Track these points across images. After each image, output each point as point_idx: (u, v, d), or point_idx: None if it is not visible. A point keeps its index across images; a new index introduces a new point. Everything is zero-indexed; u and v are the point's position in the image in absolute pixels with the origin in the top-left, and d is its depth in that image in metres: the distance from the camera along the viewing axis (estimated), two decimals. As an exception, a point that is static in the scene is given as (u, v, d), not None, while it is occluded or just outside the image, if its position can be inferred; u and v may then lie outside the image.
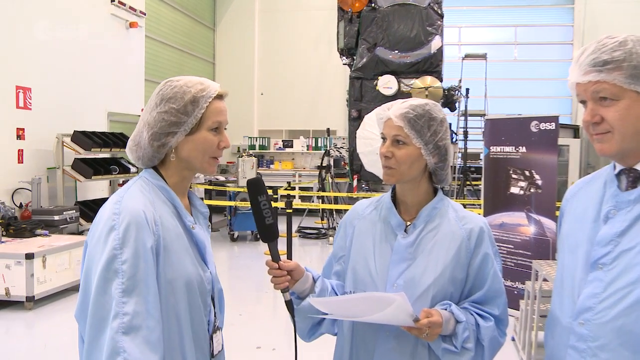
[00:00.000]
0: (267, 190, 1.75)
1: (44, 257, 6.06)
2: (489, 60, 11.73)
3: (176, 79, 1.64)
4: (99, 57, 9.48)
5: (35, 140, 7.89)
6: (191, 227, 1.64)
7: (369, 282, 1.80)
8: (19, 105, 7.66)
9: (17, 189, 7.55)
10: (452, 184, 10.57)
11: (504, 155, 6.02)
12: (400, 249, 1.78)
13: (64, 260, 6.38)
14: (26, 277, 5.87)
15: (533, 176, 5.76)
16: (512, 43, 14.76)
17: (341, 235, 1.98)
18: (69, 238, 6.94)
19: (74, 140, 8.09)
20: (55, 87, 8.33)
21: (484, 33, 14.91)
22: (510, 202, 5.94)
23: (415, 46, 10.31)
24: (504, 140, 6.01)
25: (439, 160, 1.80)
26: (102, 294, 1.41)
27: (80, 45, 8.95)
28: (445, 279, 1.74)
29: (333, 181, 11.52)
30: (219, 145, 1.64)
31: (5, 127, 7.46)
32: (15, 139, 7.61)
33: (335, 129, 14.36)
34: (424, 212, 1.81)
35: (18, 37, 7.62)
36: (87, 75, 9.14)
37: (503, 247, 5.95)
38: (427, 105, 1.79)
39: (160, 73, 12.48)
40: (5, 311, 5.90)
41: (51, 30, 8.26)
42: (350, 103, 10.80)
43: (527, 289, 4.81)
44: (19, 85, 7.65)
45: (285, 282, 1.72)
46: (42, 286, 6.04)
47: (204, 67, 15.31)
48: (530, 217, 5.77)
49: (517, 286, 5.80)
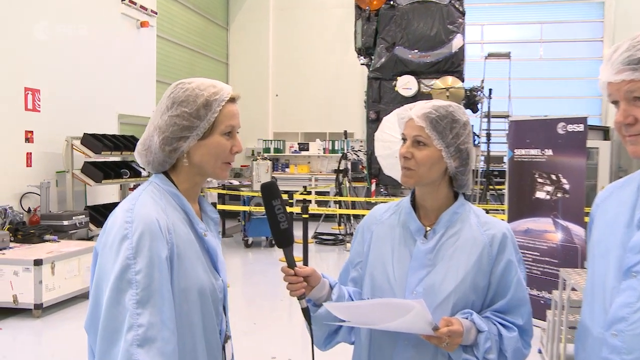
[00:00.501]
0: (282, 194, 1.75)
1: (53, 264, 6.13)
2: (513, 59, 11.67)
3: (188, 81, 1.65)
4: (110, 57, 9.58)
5: (44, 143, 7.98)
6: (203, 234, 1.64)
7: (386, 289, 1.80)
8: (28, 108, 7.76)
9: (26, 193, 7.64)
10: (474, 188, 10.51)
11: (529, 158, 5.98)
12: (419, 255, 1.79)
13: (73, 266, 6.45)
14: (34, 284, 5.93)
15: (560, 180, 5.71)
16: (538, 41, 14.66)
17: (358, 240, 1.98)
18: (78, 244, 7.01)
19: (83, 143, 8.16)
20: (64, 88, 8.43)
21: (508, 31, 14.83)
22: (536, 208, 5.90)
23: (436, 45, 10.28)
24: (529, 142, 5.97)
25: (460, 164, 1.80)
26: (115, 305, 1.41)
27: (90, 45, 9.05)
28: (466, 287, 1.73)
29: (350, 185, 11.51)
30: (232, 150, 1.65)
31: (13, 129, 7.55)
32: (23, 142, 7.70)
33: (352, 132, 14.36)
34: (445, 217, 1.81)
35: (26, 37, 7.73)
36: (97, 76, 9.23)
37: (528, 255, 5.90)
38: (450, 107, 1.80)
39: (172, 74, 12.59)
40: (13, 319, 5.97)
41: (60, 30, 8.36)
42: (368, 104, 10.80)
43: (554, 298, 4.76)
44: (28, 86, 7.75)
45: (301, 288, 1.73)
46: (51, 293, 6.10)
47: (217, 68, 15.41)
48: (557, 223, 5.72)
49: (543, 295, 5.75)
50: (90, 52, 9.06)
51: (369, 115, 10.69)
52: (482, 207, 9.16)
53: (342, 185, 11.36)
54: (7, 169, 7.40)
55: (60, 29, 8.38)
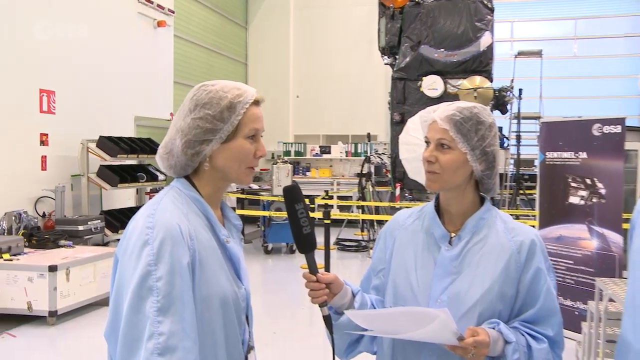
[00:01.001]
0: (304, 198, 1.76)
1: (68, 270, 6.21)
2: (544, 57, 11.55)
3: (211, 83, 1.66)
4: (126, 58, 9.69)
5: (59, 146, 8.10)
6: (225, 241, 1.65)
7: (410, 297, 1.80)
8: (43, 110, 7.88)
9: (40, 197, 7.76)
10: (503, 192, 10.42)
11: (561, 161, 5.92)
12: (444, 262, 1.79)
13: (89, 273, 6.53)
14: (49, 291, 6.01)
15: (595, 185, 5.64)
16: (571, 38, 14.50)
17: (381, 246, 1.99)
18: (93, 249, 7.10)
19: (99, 146, 8.26)
20: (79, 90, 8.55)
21: (539, 27, 14.70)
22: (569, 213, 5.83)
23: (463, 43, 10.23)
24: (562, 145, 5.91)
25: (486, 167, 1.80)
26: (135, 312, 1.42)
27: (106, 45, 9.17)
28: (493, 295, 1.73)
29: (374, 190, 11.49)
30: (255, 154, 1.66)
31: (28, 132, 7.68)
32: (38, 145, 7.82)
33: (376, 134, 14.34)
34: (470, 223, 1.81)
35: (41, 38, 7.85)
36: (113, 77, 9.35)
37: (561, 263, 5.83)
38: (475, 108, 1.80)
39: (189, 75, 12.70)
40: (27, 327, 6.05)
41: (75, 30, 8.47)
42: (392, 106, 10.78)
43: (590, 309, 4.69)
44: (43, 88, 7.88)
45: (323, 295, 1.73)
46: (66, 300, 6.18)
47: (235, 68, 15.51)
48: (592, 230, 5.64)
49: (578, 306, 5.68)
50: (106, 53, 9.18)
51: (393, 117, 10.67)
52: (512, 212, 9.09)
53: (365, 190, 11.34)
54: (21, 172, 7.52)
55: (76, 29, 8.48)
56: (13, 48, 7.41)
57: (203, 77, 13.19)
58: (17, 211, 7.19)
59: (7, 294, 6.03)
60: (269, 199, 10.57)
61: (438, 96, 10.06)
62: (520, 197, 10.53)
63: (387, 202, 11.52)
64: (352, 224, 12.31)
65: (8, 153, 7.31)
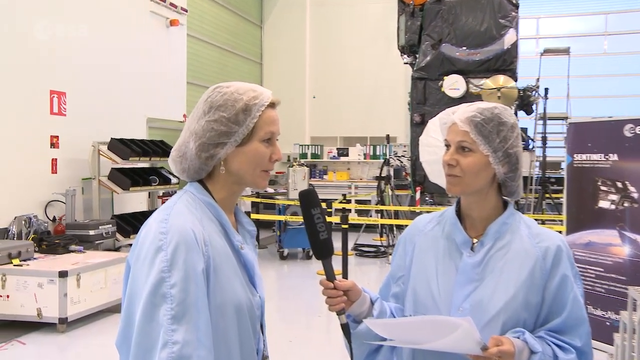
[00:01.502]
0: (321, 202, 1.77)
1: (78, 276, 6.26)
2: (572, 54, 11.45)
3: (226, 85, 1.67)
4: (138, 58, 9.77)
5: (69, 149, 8.18)
6: (239, 247, 1.66)
7: (430, 305, 1.80)
8: (53, 111, 7.96)
9: (51, 201, 7.84)
10: (527, 196, 10.35)
11: (590, 164, 5.86)
12: (466, 268, 1.78)
13: (100, 278, 6.58)
14: (59, 297, 6.06)
15: (627, 188, 5.58)
16: (602, 34, 14.34)
17: (400, 253, 1.99)
18: (105, 255, 7.15)
19: (110, 148, 8.33)
20: (91, 91, 8.63)
21: (567, 23, 14.57)
22: (599, 218, 5.77)
23: (486, 41, 10.17)
24: (591, 146, 5.85)
25: (509, 170, 1.80)
26: (148, 321, 1.43)
27: (117, 45, 9.26)
28: (517, 303, 1.72)
29: (393, 193, 11.46)
30: (271, 157, 1.67)
31: (38, 134, 7.76)
32: (49, 148, 7.90)
33: (395, 136, 14.30)
34: (493, 228, 1.81)
35: (51, 38, 7.93)
36: (125, 78, 9.43)
37: (590, 270, 5.77)
38: (496, 108, 1.80)
39: (203, 75, 12.77)
40: (37, 334, 6.11)
41: (86, 29, 8.55)
42: (412, 106, 10.75)
43: (622, 320, 4.63)
44: (54, 89, 7.96)
45: (341, 303, 1.73)
46: (76, 307, 6.23)
47: (250, 68, 15.58)
48: (623, 236, 5.58)
49: (609, 316, 5.61)
50: (118, 53, 9.26)
51: (413, 118, 10.63)
52: (538, 217, 9.02)
53: (384, 194, 11.32)
54: (31, 175, 7.60)
55: (87, 28, 8.56)
56: (23, 48, 7.49)
57: (217, 77, 13.26)
58: (27, 215, 7.27)
59: (16, 300, 6.10)
60: (284, 202, 10.58)
61: (460, 96, 10.00)
62: (546, 201, 10.44)
63: (406, 206, 11.49)
64: (371, 229, 12.29)
65: (18, 155, 7.39)
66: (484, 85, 10.04)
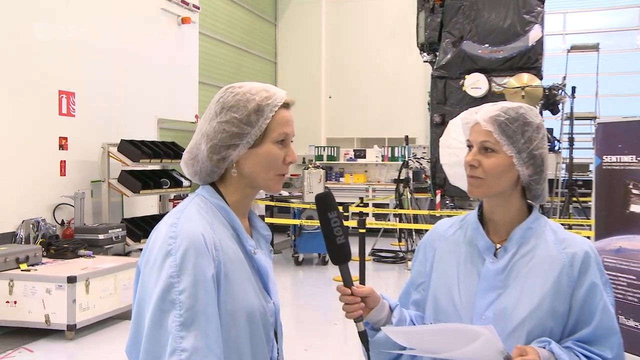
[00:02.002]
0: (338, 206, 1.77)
1: (87, 281, 6.31)
2: (601, 51, 11.36)
3: (238, 85, 1.68)
4: (149, 57, 9.84)
5: (78, 151, 8.25)
6: (252, 253, 1.67)
7: (452, 313, 1.80)
8: (62, 112, 8.03)
9: (59, 204, 7.90)
10: (553, 200, 10.28)
11: (621, 166, 5.80)
12: (488, 275, 1.78)
13: (109, 284, 6.62)
14: (67, 303, 6.11)
15: (659, 191, 5.52)
16: (634, 28, 14.19)
17: (420, 259, 1.99)
18: (114, 259, 7.20)
19: (120, 150, 8.38)
20: (100, 91, 8.71)
21: (596, 18, 14.43)
22: (630, 223, 5.70)
23: (510, 38, 10.12)
24: (622, 148, 5.79)
25: (533, 172, 1.79)
26: (157, 327, 1.44)
27: (127, 44, 9.33)
28: (543, 312, 1.71)
29: (412, 197, 11.43)
30: (285, 160, 1.67)
31: (47, 136, 7.83)
32: (57, 149, 7.97)
33: (414, 137, 14.27)
34: (517, 233, 1.80)
35: (60, 37, 8.01)
36: (135, 78, 9.49)
37: (621, 278, 5.70)
38: (521, 108, 1.79)
39: (215, 75, 12.83)
40: (45, 341, 6.15)
41: (96, 28, 8.64)
42: (432, 106, 10.72)
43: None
44: (62, 89, 8.04)
45: (358, 309, 1.73)
46: (85, 313, 6.27)
47: (264, 67, 15.62)
48: (655, 242, 5.51)
49: (640, 326, 5.55)
50: (128, 52, 9.33)
51: (433, 119, 10.60)
52: (564, 222, 8.95)
53: (402, 197, 11.29)
54: (40, 178, 7.67)
55: (96, 26, 8.65)
56: (31, 48, 7.56)
57: (230, 76, 13.32)
58: (35, 219, 7.33)
59: (24, 307, 6.15)
60: (299, 206, 10.60)
61: (482, 96, 9.96)
62: (574, 205, 10.36)
63: (426, 210, 11.45)
64: (389, 234, 12.26)
65: (26, 158, 7.47)
66: (507, 84, 9.99)
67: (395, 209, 11.36)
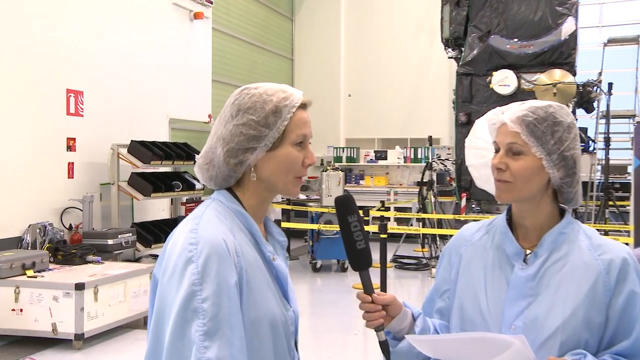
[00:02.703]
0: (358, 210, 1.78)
1: (96, 288, 6.34)
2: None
3: (254, 86, 1.70)
4: (160, 54, 9.90)
5: (87, 152, 8.31)
6: (271, 259, 1.69)
7: (479, 322, 1.79)
8: (70, 112, 8.09)
9: (67, 208, 7.96)
10: (588, 204, 10.19)
11: (658, 167, 5.76)
12: (518, 282, 1.77)
13: (119, 291, 6.66)
14: (75, 312, 6.14)
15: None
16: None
17: (445, 265, 1.99)
18: (124, 266, 7.24)
19: (131, 151, 8.42)
20: (109, 90, 8.77)
21: (636, 9, 14.26)
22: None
23: (541, 32, 10.05)
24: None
25: (565, 174, 1.77)
26: (179, 337, 1.46)
27: (137, 40, 9.39)
28: (577, 322, 1.70)
29: (436, 200, 11.39)
30: (304, 162, 1.69)
31: (54, 136, 7.89)
32: (65, 151, 8.03)
33: (438, 137, 14.23)
34: (548, 238, 1.79)
35: (68, 33, 8.09)
36: (146, 76, 9.55)
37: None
38: (550, 107, 1.78)
39: (229, 72, 12.88)
40: (51, 351, 6.19)
41: (105, 24, 8.71)
42: (457, 105, 10.68)
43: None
44: (70, 88, 8.10)
45: (379, 318, 1.74)
46: (93, 322, 6.31)
47: (280, 64, 15.66)
48: (697, 248, 5.46)
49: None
50: (139, 48, 9.40)
51: (458, 118, 10.56)
52: (599, 227, 8.87)
53: (426, 200, 11.26)
54: (46, 180, 7.73)
55: (105, 23, 8.72)
56: (38, 45, 7.63)
57: (245, 74, 13.38)
58: (41, 223, 7.39)
59: (30, 315, 6.20)
60: (317, 210, 10.60)
61: (510, 93, 9.90)
62: (610, 210, 10.26)
63: (451, 214, 11.40)
64: (412, 239, 12.23)
65: (32, 159, 7.52)
66: (537, 80, 9.92)
67: (418, 213, 11.33)
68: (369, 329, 1.75)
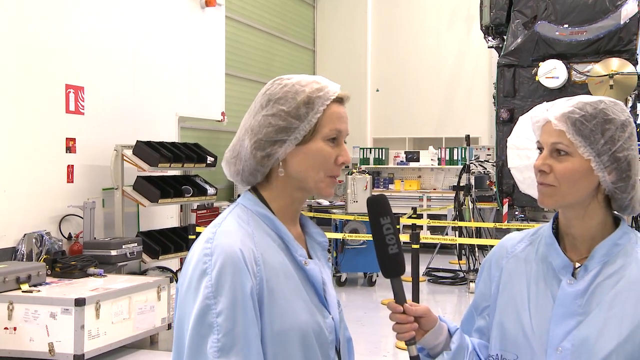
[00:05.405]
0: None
1: (98, 304, 6.35)
2: None
3: (287, 77, 1.75)
4: (168, 45, 9.93)
5: (88, 154, 8.34)
6: (303, 263, 1.71)
7: (522, 342, 1.79)
8: (70, 110, 8.13)
9: (66, 215, 8.01)
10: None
11: None
12: (566, 299, 1.76)
13: (123, 308, 6.68)
14: (75, 330, 6.13)
15: None
16: None
17: (484, 279, 1.99)
18: (129, 279, 7.26)
19: (136, 153, 8.44)
20: (113, 85, 8.81)
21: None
22: None
23: (596, 16, 9.95)
24: None
25: (618, 178, 1.76)
26: (195, 353, 1.52)
27: (143, 30, 9.42)
28: (634, 345, 1.68)
29: (474, 207, 11.35)
30: (337, 160, 1.72)
31: (52, 137, 7.91)
32: (64, 152, 8.05)
33: (477, 136, 14.18)
34: (600, 250, 1.78)
35: (68, 24, 8.13)
36: (153, 70, 9.59)
37: None
38: (601, 103, 1.77)
39: (245, 65, 12.92)
40: (50, 372, 6.24)
41: (108, 12, 8.75)
42: (498, 100, 10.64)
43: None
44: (70, 83, 8.14)
45: (411, 330, 1.75)
46: (95, 342, 6.31)
47: (301, 56, 15.70)
48: None
49: None
50: (144, 40, 9.43)
51: (499, 115, 10.52)
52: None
53: (463, 207, 11.22)
54: (44, 185, 7.75)
55: (108, 11, 8.76)
56: (34, 37, 7.66)
57: (261, 67, 13.42)
58: (38, 232, 7.42)
59: (25, 334, 6.20)
60: (342, 217, 10.59)
61: (559, 87, 9.85)
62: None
63: (491, 222, 11.35)
64: (447, 250, 12.18)
65: (28, 162, 7.53)
66: (591, 71, 9.84)
67: (454, 221, 11.29)
68: (401, 351, 1.77)
